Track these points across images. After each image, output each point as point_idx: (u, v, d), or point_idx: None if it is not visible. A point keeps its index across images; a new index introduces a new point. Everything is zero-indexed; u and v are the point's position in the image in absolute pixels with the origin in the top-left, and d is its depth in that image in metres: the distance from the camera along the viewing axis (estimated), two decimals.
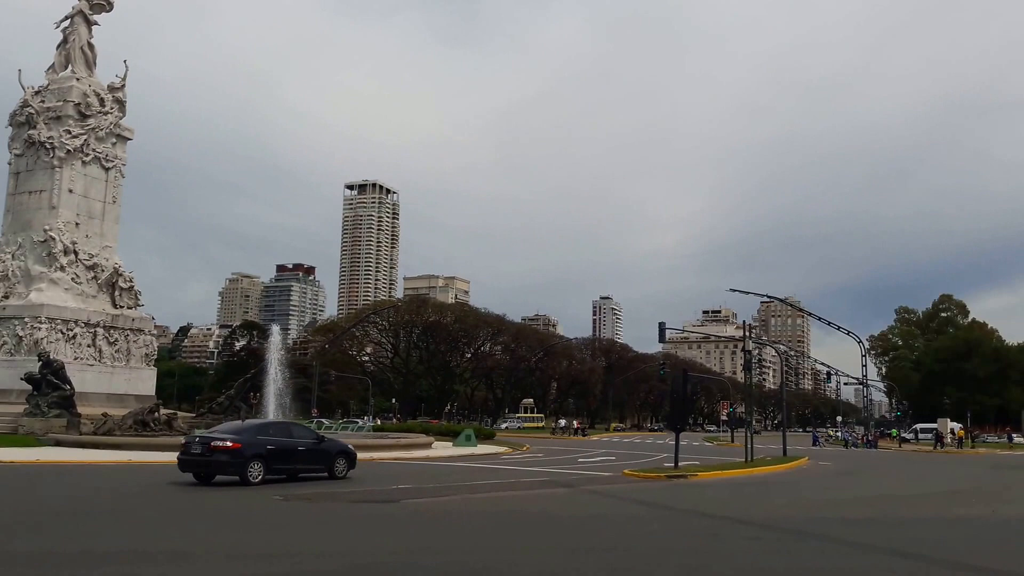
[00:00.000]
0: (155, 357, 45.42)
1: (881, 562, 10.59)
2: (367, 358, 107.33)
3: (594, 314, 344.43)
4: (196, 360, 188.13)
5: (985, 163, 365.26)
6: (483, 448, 39.32)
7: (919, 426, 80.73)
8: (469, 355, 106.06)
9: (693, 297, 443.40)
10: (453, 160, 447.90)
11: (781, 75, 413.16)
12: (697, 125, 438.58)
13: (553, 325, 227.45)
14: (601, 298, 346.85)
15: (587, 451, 42.62)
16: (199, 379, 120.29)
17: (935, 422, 75.61)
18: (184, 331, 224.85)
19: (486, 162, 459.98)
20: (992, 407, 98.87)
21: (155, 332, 47.64)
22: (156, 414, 32.67)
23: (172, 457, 19.70)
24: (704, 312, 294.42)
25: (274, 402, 37.49)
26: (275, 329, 49.13)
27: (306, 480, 19.47)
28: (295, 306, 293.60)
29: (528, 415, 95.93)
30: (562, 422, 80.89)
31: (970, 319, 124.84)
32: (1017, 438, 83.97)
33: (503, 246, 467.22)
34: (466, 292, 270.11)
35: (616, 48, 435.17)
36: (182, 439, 20.99)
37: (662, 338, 57.61)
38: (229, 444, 18.14)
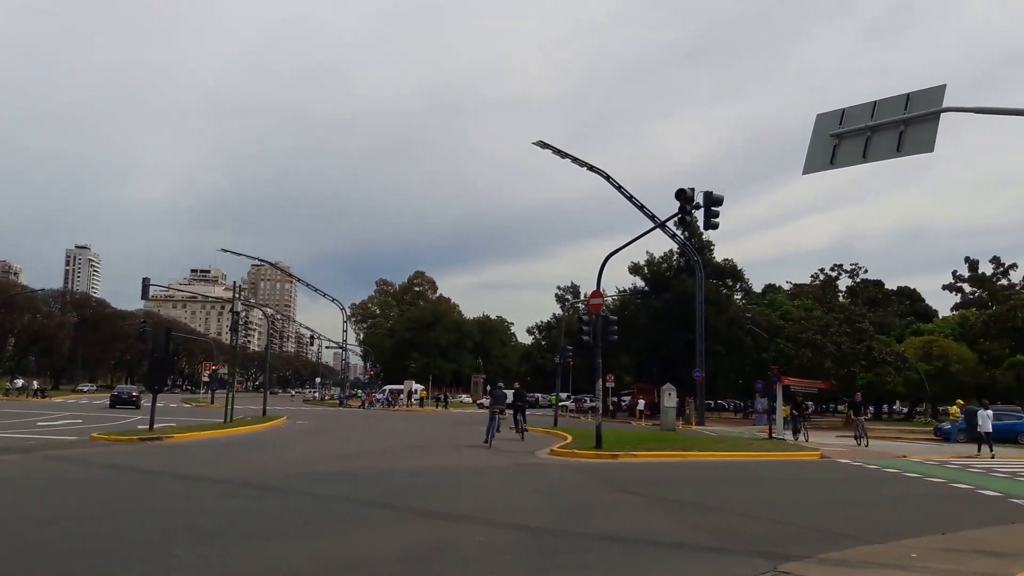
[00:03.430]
0: None
1: (353, 511, 11.43)
2: None
3: (67, 264, 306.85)
4: None
5: (467, 156, 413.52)
6: None
7: (388, 387, 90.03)
8: None
9: (183, 254, 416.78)
10: None
11: (288, 42, 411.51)
12: (194, 75, 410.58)
13: (15, 273, 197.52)
14: (77, 247, 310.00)
15: (49, 414, 38.38)
16: None
17: (403, 383, 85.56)
18: None
19: None
20: (450, 371, 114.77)
21: None
22: None
23: None
24: (193, 271, 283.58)
25: None
26: None
27: None
28: None
29: None
30: (19, 382, 71.16)
31: (438, 294, 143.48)
32: (466, 398, 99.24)
33: None
34: None
35: None
36: None
37: (145, 295, 54.10)
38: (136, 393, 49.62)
